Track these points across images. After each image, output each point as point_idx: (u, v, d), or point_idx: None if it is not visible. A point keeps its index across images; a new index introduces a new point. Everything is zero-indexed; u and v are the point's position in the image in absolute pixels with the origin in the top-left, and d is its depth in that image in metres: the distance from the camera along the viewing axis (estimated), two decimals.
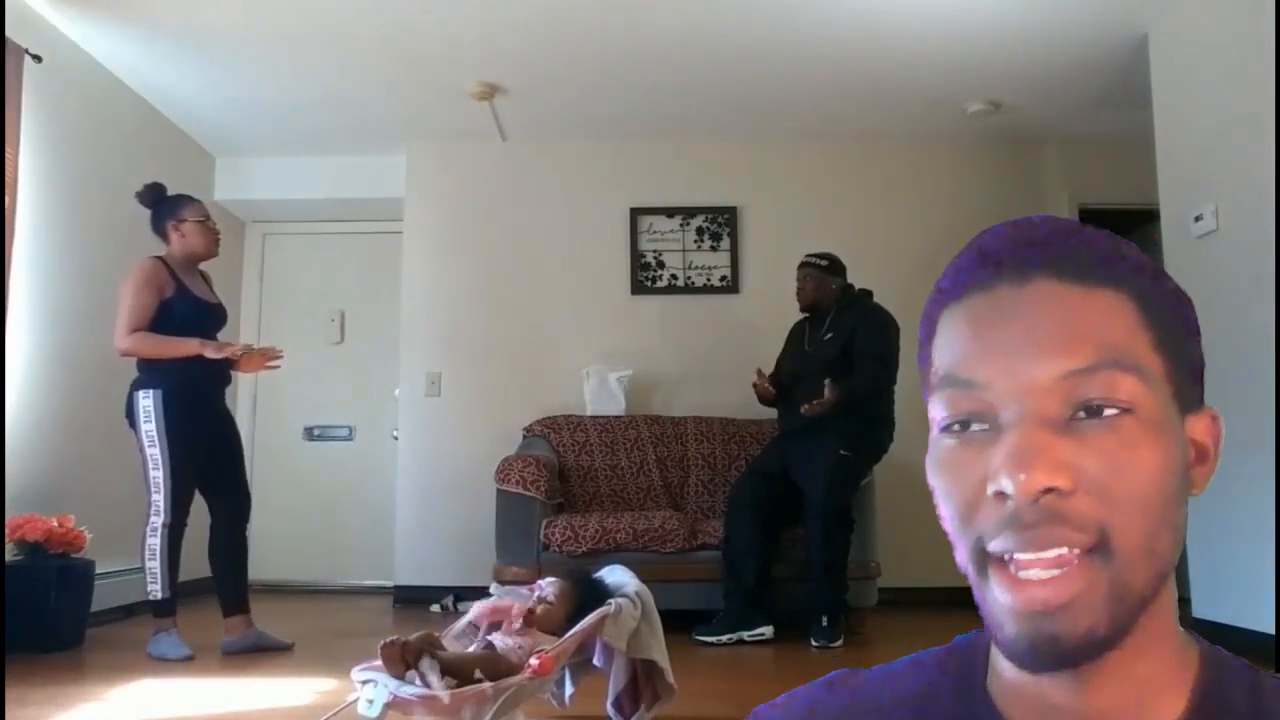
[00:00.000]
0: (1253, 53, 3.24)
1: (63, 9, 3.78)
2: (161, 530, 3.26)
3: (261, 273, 5.66)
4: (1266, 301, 3.15)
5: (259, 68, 4.31)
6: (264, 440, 5.46)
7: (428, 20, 3.88)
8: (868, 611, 4.02)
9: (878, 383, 3.79)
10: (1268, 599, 3.05)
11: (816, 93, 4.58)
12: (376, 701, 1.73)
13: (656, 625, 2.29)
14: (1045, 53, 4.13)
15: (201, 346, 3.26)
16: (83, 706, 2.55)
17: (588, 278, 5.12)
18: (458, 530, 4.80)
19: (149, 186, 3.52)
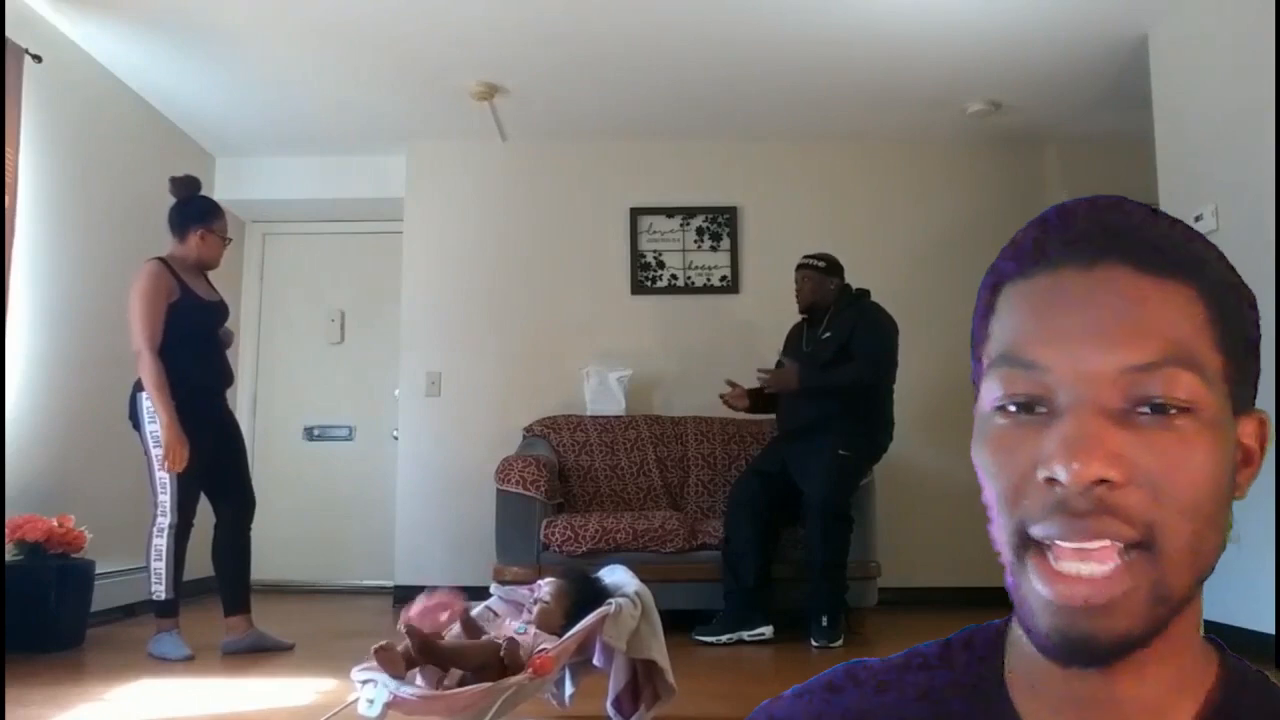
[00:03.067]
0: (1252, 53, 3.24)
1: (63, 9, 3.78)
2: (167, 531, 3.26)
3: (261, 273, 5.66)
4: (1266, 301, 3.14)
5: (259, 68, 4.31)
6: (264, 440, 5.46)
7: (428, 20, 3.88)
8: (868, 611, 4.02)
9: (862, 380, 3.75)
10: (1268, 599, 3.05)
11: (816, 93, 4.58)
12: (376, 701, 1.73)
13: (656, 625, 2.29)
14: (1045, 53, 4.13)
15: (169, 422, 3.20)
16: (82, 706, 2.55)
17: (588, 278, 5.12)
18: (458, 530, 4.80)
19: (187, 179, 3.55)
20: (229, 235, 3.59)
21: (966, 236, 4.95)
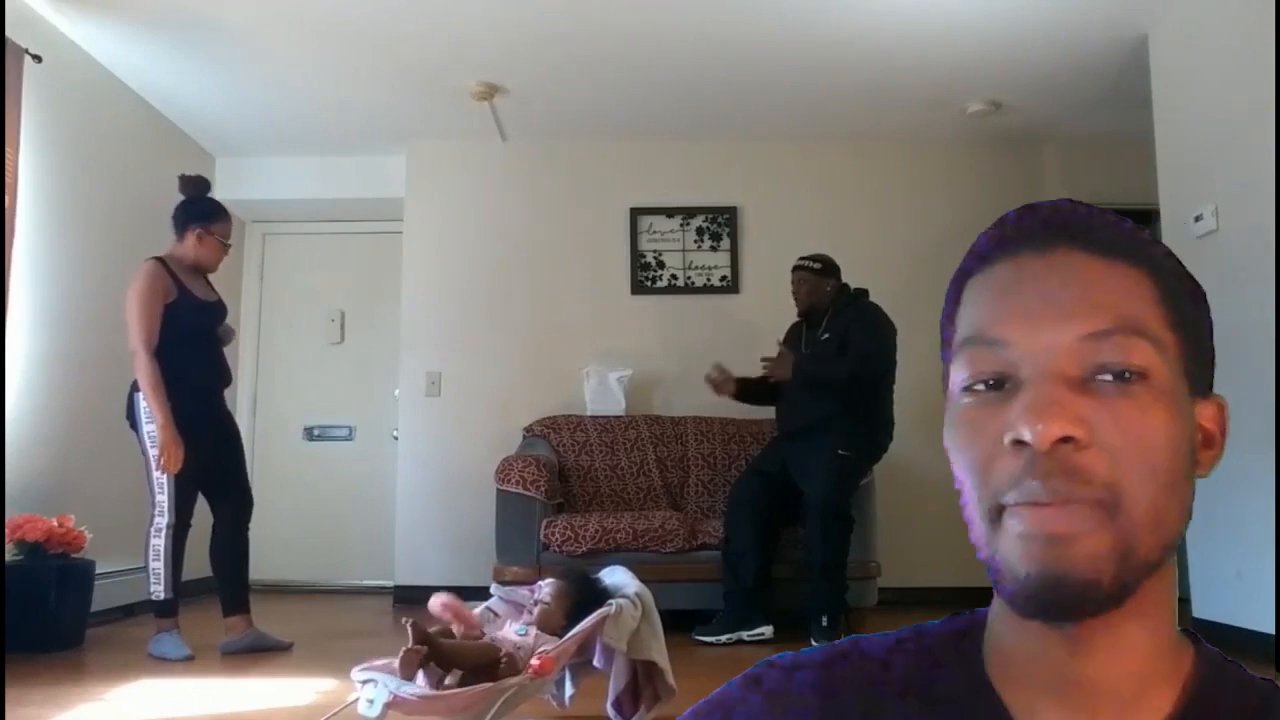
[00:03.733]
0: (1252, 53, 3.24)
1: (63, 9, 3.78)
2: (165, 531, 3.26)
3: (261, 273, 5.66)
4: (1267, 301, 3.15)
5: (259, 68, 4.31)
6: (264, 440, 5.46)
7: (428, 20, 3.88)
8: (868, 611, 4.02)
9: (855, 374, 3.72)
10: (1268, 599, 3.05)
11: (816, 93, 4.58)
12: (376, 701, 1.73)
13: (657, 626, 2.29)
14: (1045, 53, 4.13)
15: (164, 423, 3.21)
16: (82, 706, 2.55)
17: (588, 278, 5.12)
18: (458, 530, 4.80)
19: (197, 179, 3.55)
20: (229, 241, 3.57)
21: (967, 236, 4.86)
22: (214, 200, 3.57)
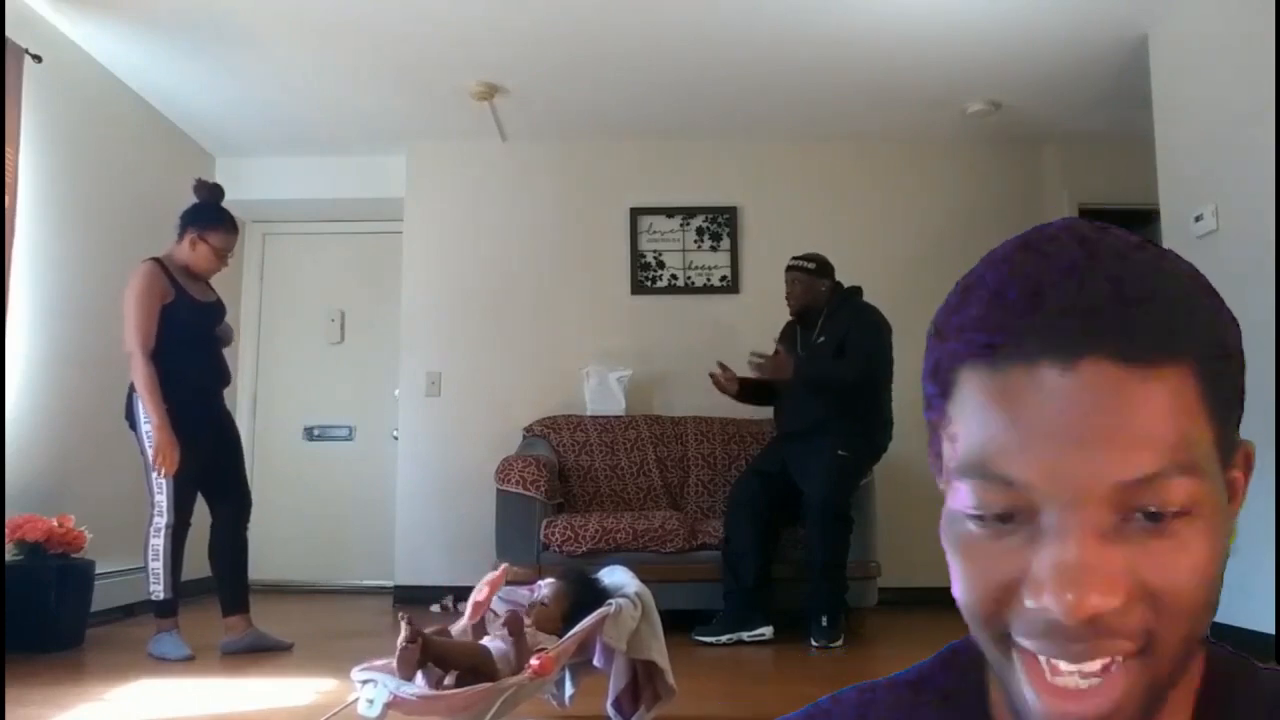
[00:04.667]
0: (1252, 53, 3.24)
1: (63, 9, 3.78)
2: (165, 531, 3.27)
3: (261, 273, 5.66)
4: (1267, 301, 3.15)
5: (259, 68, 4.31)
6: (264, 440, 5.46)
7: (428, 21, 3.88)
8: (868, 611, 4.03)
9: (854, 376, 3.72)
10: (1267, 599, 3.05)
11: (816, 93, 4.58)
12: (376, 701, 1.73)
13: (657, 626, 2.29)
14: (1045, 53, 4.13)
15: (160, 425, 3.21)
16: (82, 706, 2.55)
17: (588, 278, 5.12)
18: (458, 530, 4.80)
19: (211, 185, 3.56)
20: (228, 251, 3.52)
21: (966, 236, 4.95)
22: (219, 210, 3.53)
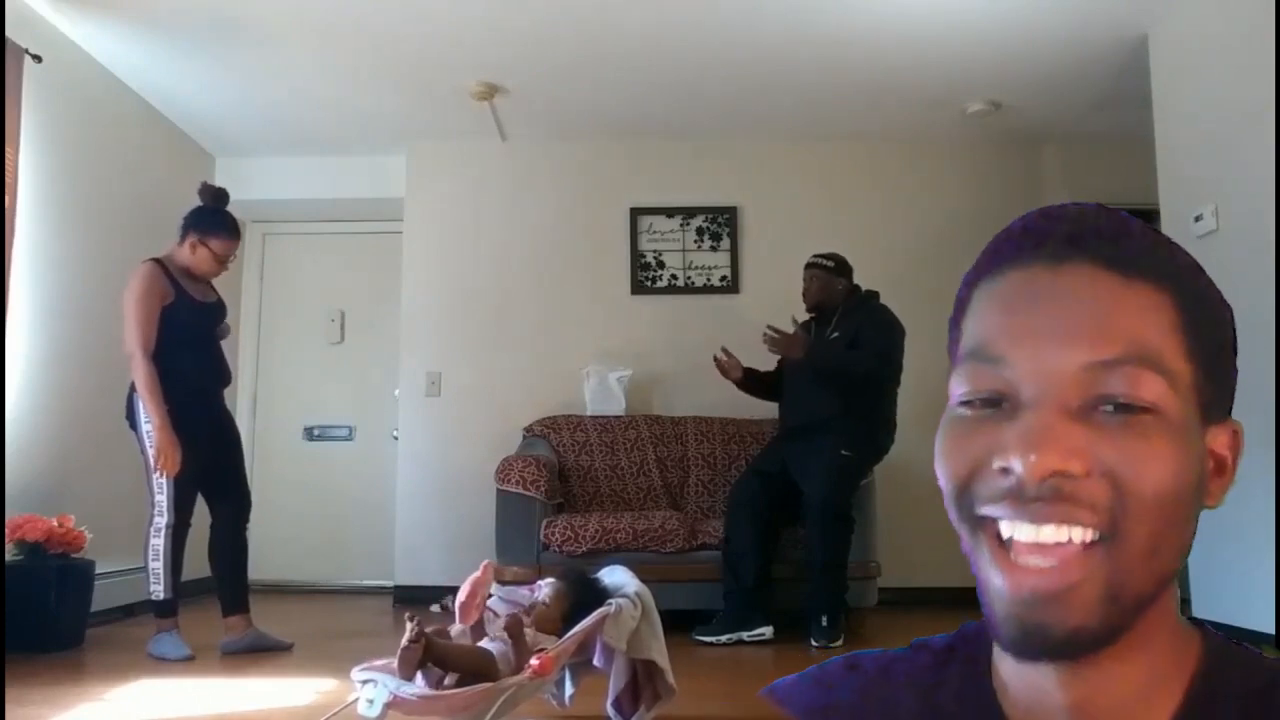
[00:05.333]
0: (1252, 53, 3.24)
1: (63, 9, 3.78)
2: (165, 531, 3.27)
3: (261, 273, 5.66)
4: (1267, 301, 3.15)
5: (259, 68, 4.31)
6: (264, 440, 5.46)
7: (428, 20, 3.88)
8: (868, 611, 4.03)
9: (868, 371, 3.73)
10: (1267, 599, 3.05)
11: (817, 93, 4.58)
12: (376, 701, 1.73)
13: (657, 625, 2.29)
14: (1045, 53, 4.13)
15: (161, 425, 3.21)
16: (82, 706, 2.55)
17: (588, 278, 5.12)
18: (458, 530, 4.80)
19: (217, 190, 3.55)
20: (229, 256, 3.51)
21: (966, 236, 4.93)
22: (222, 214, 3.52)
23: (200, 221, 3.46)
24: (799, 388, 3.89)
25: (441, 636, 1.92)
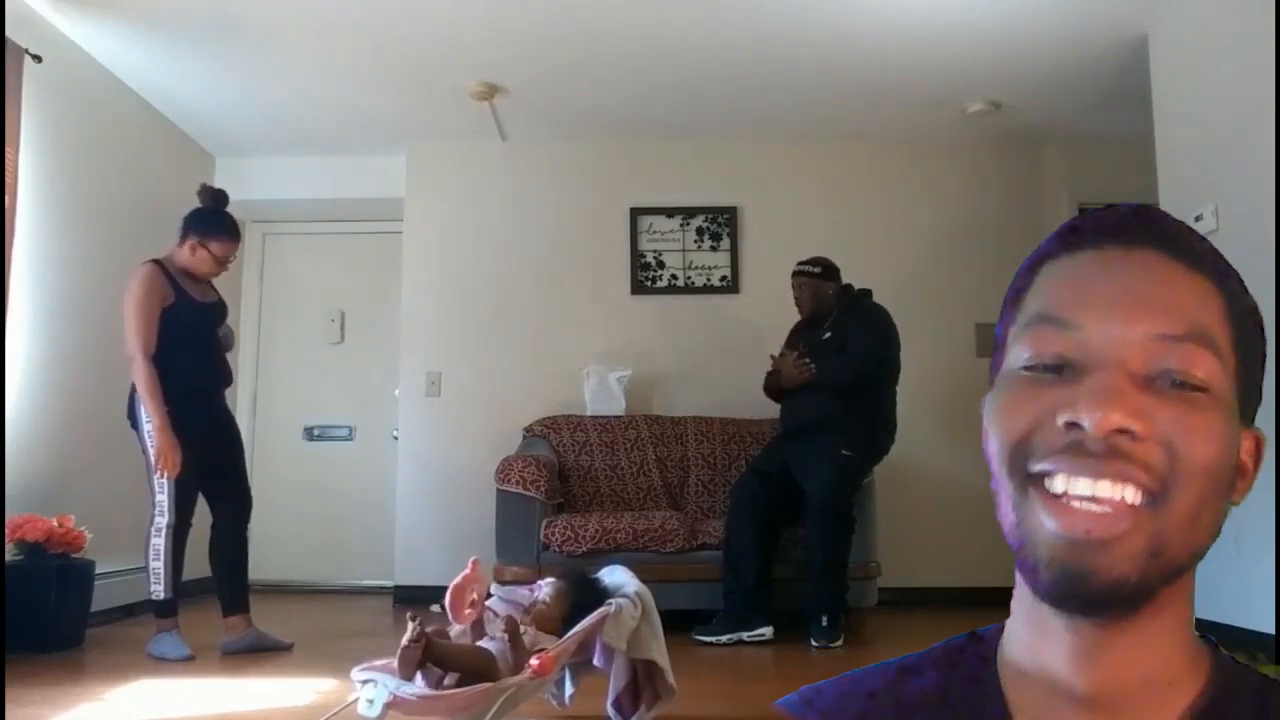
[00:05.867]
0: (1252, 53, 3.24)
1: (63, 9, 3.78)
2: (165, 531, 3.27)
3: (261, 273, 5.66)
4: (1266, 301, 3.15)
5: (259, 68, 4.31)
6: (264, 440, 5.46)
7: (428, 20, 3.88)
8: (868, 611, 4.03)
9: (856, 372, 3.76)
10: (1268, 599, 3.05)
11: (817, 93, 4.58)
12: (376, 701, 1.73)
13: (657, 625, 2.29)
14: (1045, 53, 4.13)
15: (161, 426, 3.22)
16: (82, 706, 2.55)
17: (588, 278, 5.12)
18: (458, 530, 4.80)
19: (216, 191, 3.55)
20: (229, 258, 3.52)
21: (966, 236, 4.96)
22: (223, 216, 3.52)
23: (200, 223, 3.46)
24: (799, 389, 3.89)
25: (441, 636, 1.92)
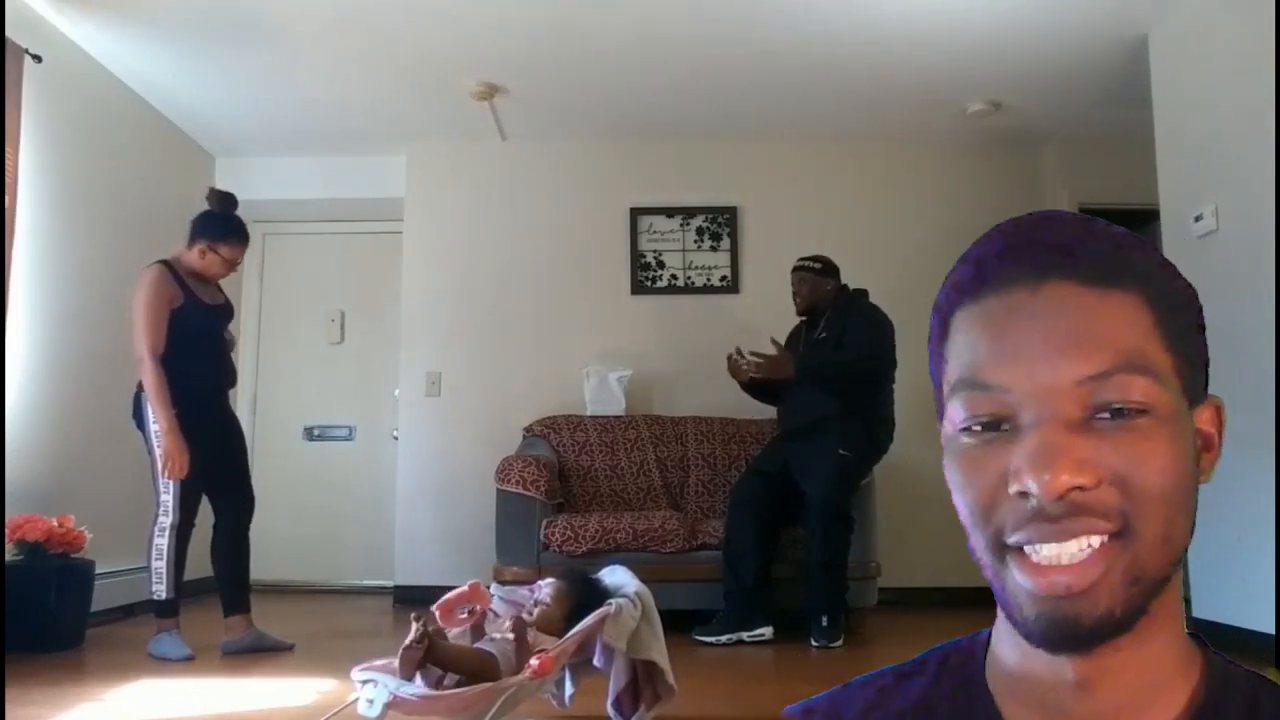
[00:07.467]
0: (1252, 53, 3.24)
1: (63, 9, 3.78)
2: (169, 531, 3.27)
3: (261, 273, 5.65)
4: (1266, 301, 3.15)
5: (260, 68, 4.31)
6: (264, 440, 5.46)
7: (428, 20, 3.88)
8: (868, 611, 4.03)
9: (850, 368, 3.74)
10: (1267, 599, 3.05)
11: (817, 93, 4.58)
12: (376, 701, 1.73)
13: (657, 626, 2.29)
14: (1045, 53, 4.13)
15: (169, 429, 3.22)
16: (82, 706, 2.55)
17: (588, 278, 5.12)
18: (458, 530, 4.80)
19: (225, 195, 3.55)
20: (238, 261, 3.52)
21: (966, 236, 4.88)
22: (233, 220, 3.51)
23: (210, 228, 3.46)
24: (797, 389, 3.88)
25: (441, 637, 1.92)
